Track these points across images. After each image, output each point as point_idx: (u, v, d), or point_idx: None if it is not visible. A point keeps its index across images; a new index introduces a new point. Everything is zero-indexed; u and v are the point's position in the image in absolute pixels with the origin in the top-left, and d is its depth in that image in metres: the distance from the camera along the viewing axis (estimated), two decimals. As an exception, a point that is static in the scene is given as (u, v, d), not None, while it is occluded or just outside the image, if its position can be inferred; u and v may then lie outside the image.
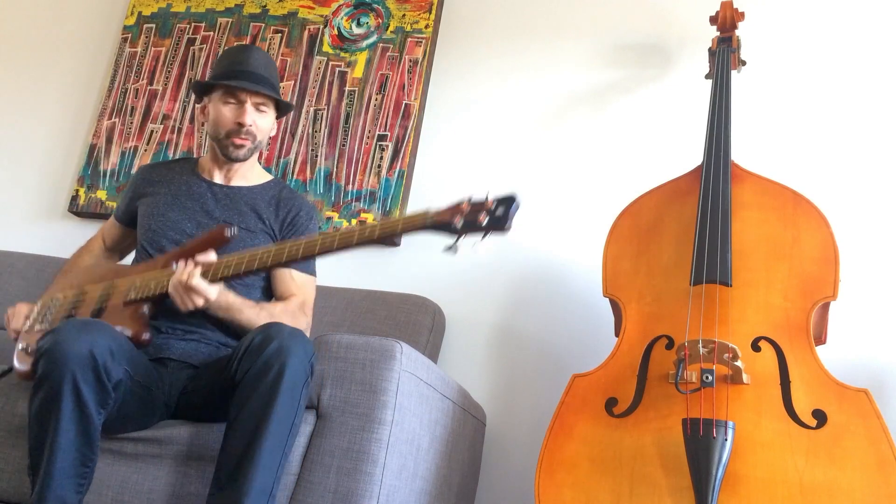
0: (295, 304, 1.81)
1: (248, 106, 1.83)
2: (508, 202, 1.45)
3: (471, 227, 1.45)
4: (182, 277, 1.58)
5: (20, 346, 1.70)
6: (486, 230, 1.44)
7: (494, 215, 1.45)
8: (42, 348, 1.41)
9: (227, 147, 1.86)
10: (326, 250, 1.56)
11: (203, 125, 1.98)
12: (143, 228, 1.88)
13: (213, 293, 1.61)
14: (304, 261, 1.72)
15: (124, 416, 1.54)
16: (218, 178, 1.92)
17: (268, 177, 1.99)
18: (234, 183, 1.92)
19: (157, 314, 1.70)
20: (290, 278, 1.84)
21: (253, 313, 1.71)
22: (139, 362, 1.56)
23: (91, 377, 1.39)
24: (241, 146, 1.85)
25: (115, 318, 1.64)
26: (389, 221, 1.54)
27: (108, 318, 1.64)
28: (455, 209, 1.48)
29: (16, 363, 1.68)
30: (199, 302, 1.60)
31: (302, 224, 1.89)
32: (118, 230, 2.03)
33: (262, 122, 1.87)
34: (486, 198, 1.48)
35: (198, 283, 1.58)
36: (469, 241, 1.46)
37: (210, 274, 1.61)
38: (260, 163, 2.03)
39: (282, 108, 1.94)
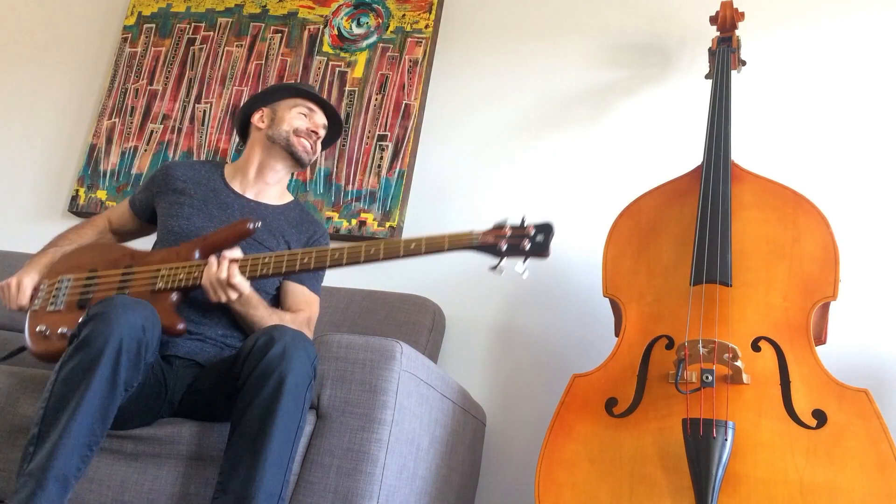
0: (303, 318, 1.83)
1: (319, 117, 1.94)
2: (547, 229, 1.56)
3: (514, 251, 1.55)
4: (222, 275, 1.61)
5: (39, 328, 1.67)
6: (528, 255, 1.55)
7: (535, 241, 1.55)
8: (92, 313, 1.43)
9: (300, 148, 1.90)
10: (371, 259, 1.60)
11: (262, 129, 1.94)
12: (164, 229, 1.85)
13: (248, 288, 1.65)
14: (344, 266, 1.71)
15: (138, 406, 1.54)
16: (249, 192, 1.92)
17: (289, 197, 2.00)
18: (263, 200, 1.92)
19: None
20: (301, 293, 1.86)
21: (266, 313, 1.72)
22: (156, 354, 1.58)
23: (134, 348, 1.40)
24: (312, 151, 1.93)
25: None
26: (435, 239, 1.58)
27: None
28: (498, 232, 1.58)
29: (30, 344, 1.66)
30: (234, 296, 1.63)
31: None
32: (130, 218, 1.99)
33: (318, 144, 1.96)
34: (523, 223, 1.59)
35: (239, 280, 1.62)
36: (510, 263, 1.56)
37: (247, 271, 1.64)
38: None
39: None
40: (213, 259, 1.64)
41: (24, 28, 3.07)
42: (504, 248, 1.55)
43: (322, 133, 1.95)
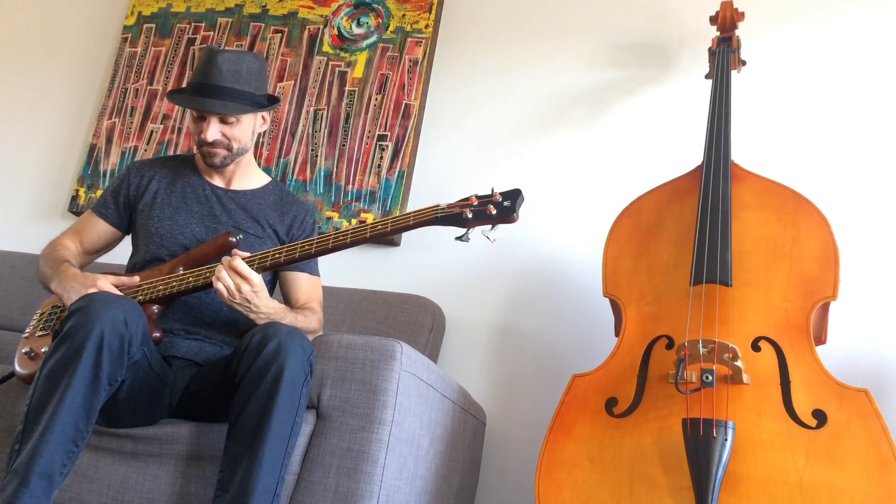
0: (318, 308, 1.85)
1: (211, 123, 1.76)
2: (514, 194, 1.55)
3: (481, 216, 1.54)
4: (225, 263, 1.59)
5: (24, 350, 1.70)
6: (496, 220, 1.54)
7: (502, 206, 1.54)
8: (74, 307, 1.42)
9: (203, 155, 1.82)
10: (340, 246, 1.60)
11: None
12: (147, 233, 1.82)
13: (257, 277, 1.60)
14: (314, 257, 1.71)
15: (136, 404, 1.54)
16: (218, 181, 1.89)
17: (266, 178, 1.96)
18: (235, 186, 1.89)
19: (164, 313, 1.71)
20: (303, 281, 1.85)
21: (292, 317, 1.71)
22: (155, 353, 1.57)
23: (116, 343, 1.39)
24: (215, 155, 1.80)
25: None
26: (401, 216, 1.58)
27: None
28: (464, 203, 1.58)
29: (17, 367, 1.68)
30: (245, 287, 1.57)
31: (309, 229, 1.92)
32: (109, 234, 1.91)
33: (233, 130, 1.79)
34: (493, 191, 1.57)
35: (240, 263, 1.58)
36: (479, 231, 1.57)
37: (255, 264, 1.64)
38: (259, 162, 2.01)
39: (267, 104, 1.86)
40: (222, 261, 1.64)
41: (24, 28, 3.07)
42: (470, 216, 1.55)
43: (212, 138, 1.77)
